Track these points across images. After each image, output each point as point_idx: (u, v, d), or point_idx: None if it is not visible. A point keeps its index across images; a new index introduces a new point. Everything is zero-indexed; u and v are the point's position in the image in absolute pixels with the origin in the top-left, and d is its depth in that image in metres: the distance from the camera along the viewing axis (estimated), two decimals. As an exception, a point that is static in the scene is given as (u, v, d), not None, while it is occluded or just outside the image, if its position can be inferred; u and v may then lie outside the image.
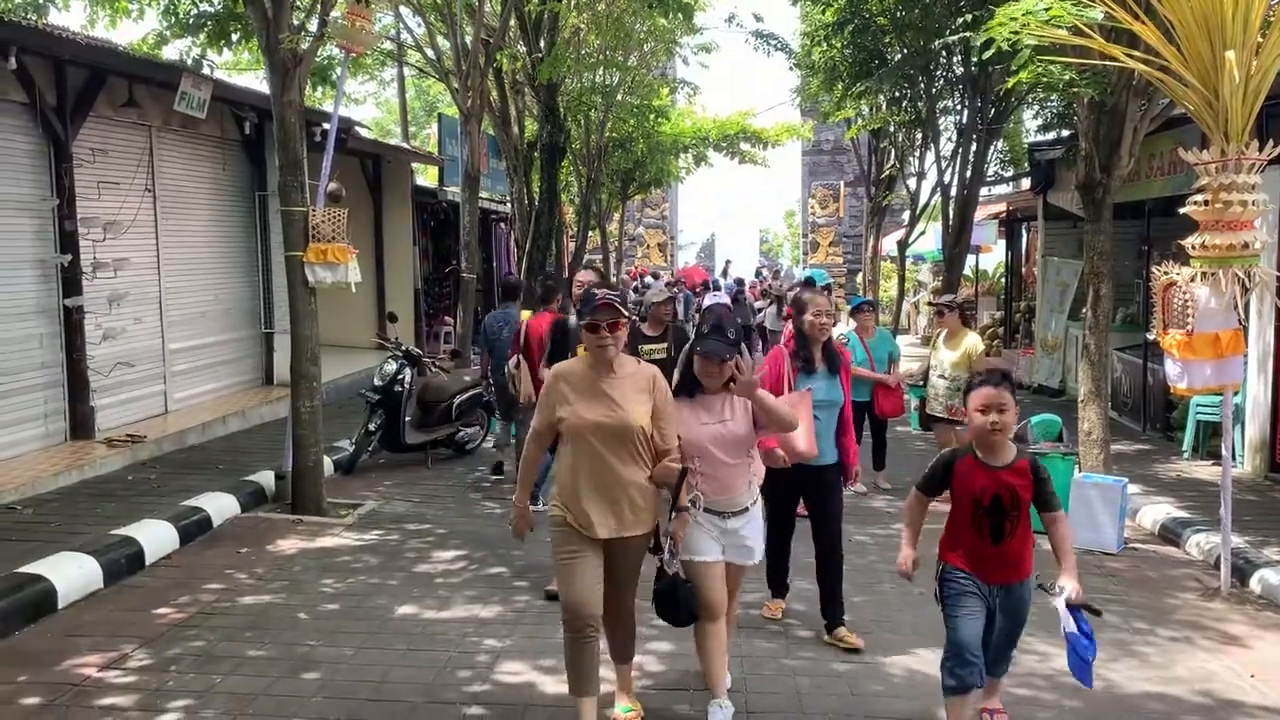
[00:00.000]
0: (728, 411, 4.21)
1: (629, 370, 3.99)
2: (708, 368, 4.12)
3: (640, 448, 3.91)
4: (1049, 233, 16.07)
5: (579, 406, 3.91)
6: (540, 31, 14.52)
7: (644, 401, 3.91)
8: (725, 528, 4.24)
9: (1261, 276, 5.89)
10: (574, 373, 4.02)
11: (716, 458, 4.17)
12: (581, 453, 3.92)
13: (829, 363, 5.36)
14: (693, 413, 4.20)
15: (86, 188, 9.14)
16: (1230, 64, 5.48)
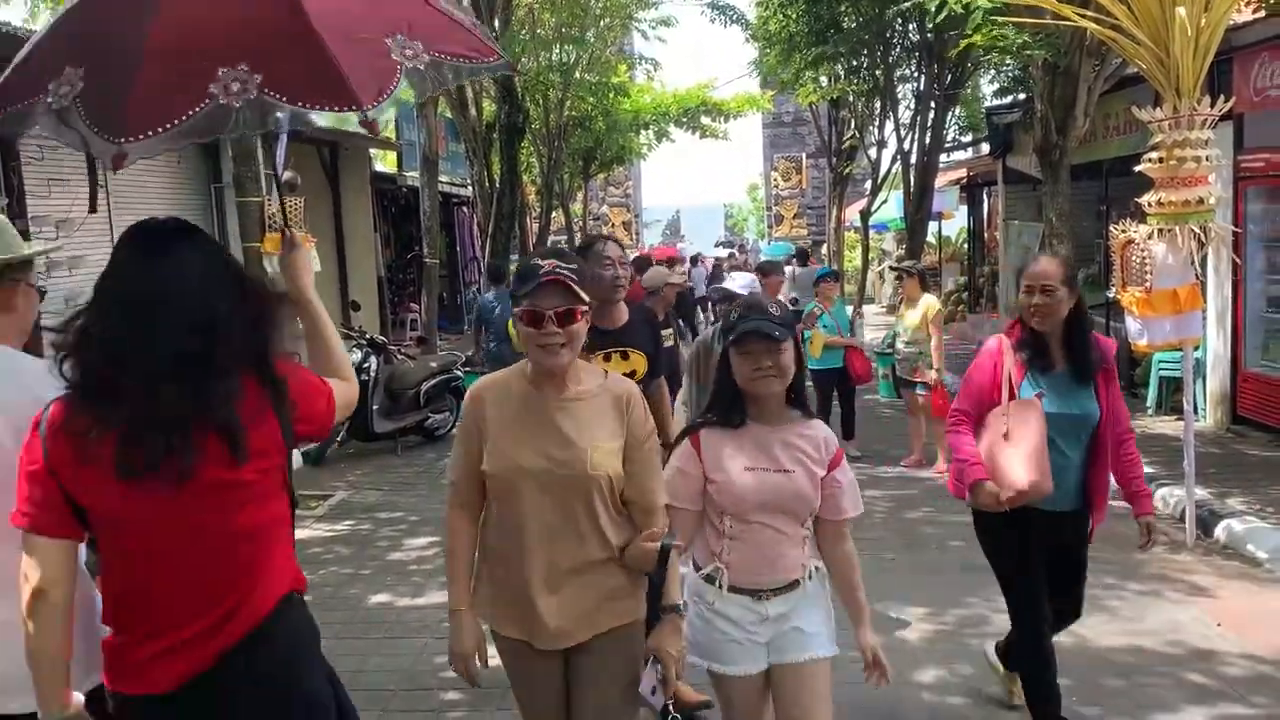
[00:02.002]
0: (787, 452, 2.74)
1: (590, 386, 2.60)
2: (756, 364, 2.68)
3: (606, 508, 2.54)
4: (1009, 197, 16.19)
5: (508, 443, 2.51)
6: (495, 10, 14.38)
7: (612, 436, 2.54)
8: (766, 614, 2.77)
9: (1217, 231, 5.95)
10: (505, 391, 2.59)
11: (762, 522, 2.73)
12: (515, 517, 2.52)
13: (1075, 361, 3.58)
14: (734, 450, 2.74)
15: (36, 185, 8.97)
16: (1181, 20, 5.51)
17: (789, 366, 2.70)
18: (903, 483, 8.00)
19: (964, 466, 3.61)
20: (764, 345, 2.67)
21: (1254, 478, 7.49)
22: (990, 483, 3.48)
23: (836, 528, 2.88)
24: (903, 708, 4.17)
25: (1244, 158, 8.70)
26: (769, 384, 2.71)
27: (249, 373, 2.01)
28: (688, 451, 2.81)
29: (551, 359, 2.49)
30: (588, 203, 33.55)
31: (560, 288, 2.46)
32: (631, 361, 4.10)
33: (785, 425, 2.79)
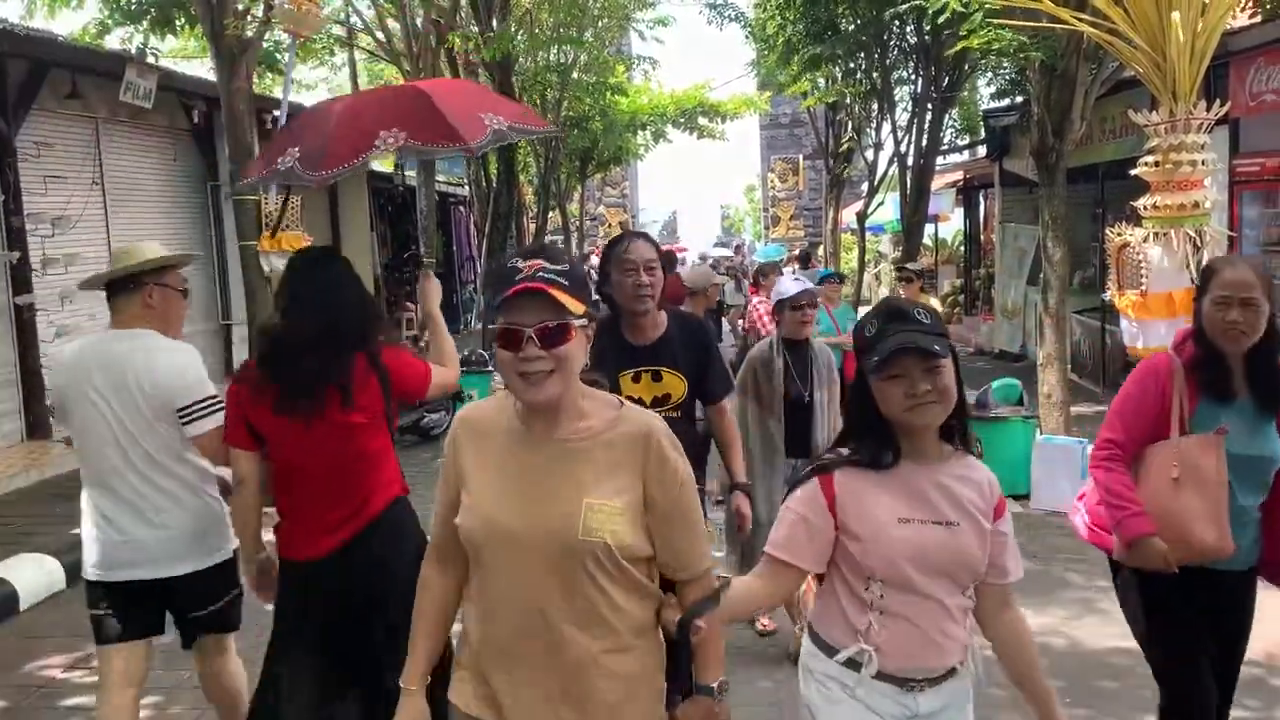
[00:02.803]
0: (948, 499, 2.16)
1: (595, 423, 2.01)
2: (912, 390, 2.09)
3: (614, 583, 1.96)
4: (1006, 199, 16.20)
5: (485, 495, 2.00)
6: (492, 10, 14.37)
7: (621, 490, 1.96)
8: (916, 710, 2.22)
9: (1212, 235, 5.96)
10: (489, 426, 2.07)
11: (919, 588, 2.14)
12: (491, 590, 2.01)
13: (1261, 390, 2.94)
14: (882, 496, 2.16)
15: (33, 183, 8.96)
16: (1177, 25, 5.53)
17: (952, 388, 2.11)
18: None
19: (1123, 515, 2.95)
20: (921, 364, 2.07)
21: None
22: (1158, 539, 2.87)
23: (1000, 593, 2.28)
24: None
25: (1239, 162, 8.73)
26: (930, 413, 2.10)
27: (360, 352, 3.03)
28: (814, 498, 2.19)
29: (535, 392, 1.90)
30: (585, 203, 33.54)
31: (544, 297, 1.86)
32: (665, 384, 3.45)
33: (942, 463, 2.20)
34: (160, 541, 3.23)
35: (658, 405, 3.38)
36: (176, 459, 3.26)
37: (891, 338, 2.09)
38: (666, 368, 3.48)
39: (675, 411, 3.46)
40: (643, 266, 3.38)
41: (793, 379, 4.55)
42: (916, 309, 2.16)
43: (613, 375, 3.21)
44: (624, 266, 3.39)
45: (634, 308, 3.42)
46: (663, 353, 3.49)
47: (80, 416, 3.25)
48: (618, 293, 3.43)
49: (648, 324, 3.49)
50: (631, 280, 3.38)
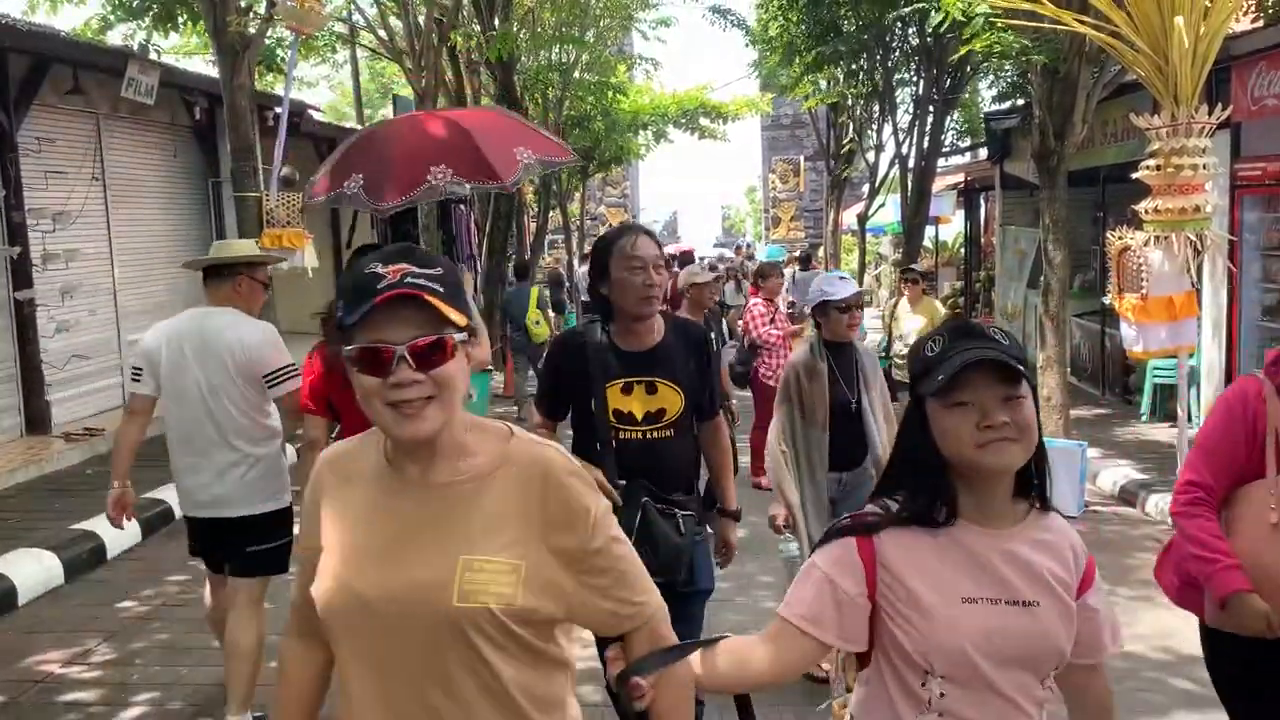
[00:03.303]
0: (1023, 572, 1.73)
1: (481, 460, 1.62)
2: (987, 422, 1.66)
3: (502, 659, 1.57)
4: (1006, 202, 16.20)
5: (342, 556, 1.62)
6: (495, 9, 14.37)
7: (512, 543, 1.57)
8: None
9: (1213, 239, 5.96)
10: (352, 471, 1.69)
11: (991, 684, 1.73)
12: (354, 672, 1.64)
13: None
14: (941, 566, 1.72)
15: (34, 178, 8.96)
16: (1179, 29, 5.53)
17: (1034, 426, 1.67)
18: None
19: (1212, 570, 2.52)
20: (998, 389, 1.65)
21: (1247, 485, 7.50)
22: (1256, 596, 2.45)
23: (1089, 672, 1.92)
24: None
25: (1241, 166, 8.72)
26: (1007, 453, 1.64)
27: None
28: (849, 560, 1.72)
29: (411, 426, 1.50)
30: (585, 203, 33.53)
31: (418, 305, 1.49)
32: (660, 397, 3.08)
33: (1015, 526, 1.73)
34: (233, 487, 3.82)
35: (650, 422, 3.06)
36: (251, 419, 3.86)
37: (960, 354, 1.65)
38: (663, 379, 3.08)
39: (668, 430, 3.08)
40: (652, 264, 3.02)
41: (838, 383, 4.15)
42: (991, 328, 1.72)
43: (599, 385, 3.03)
44: (632, 264, 3.01)
45: (639, 310, 3.03)
46: (659, 362, 3.09)
47: (171, 379, 3.82)
48: (620, 293, 3.03)
49: (645, 329, 3.10)
50: (641, 280, 2.99)
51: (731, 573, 4.69)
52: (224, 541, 3.90)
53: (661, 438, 3.09)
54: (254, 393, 3.84)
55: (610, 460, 3.04)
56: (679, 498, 3.12)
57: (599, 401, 3.05)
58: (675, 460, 3.15)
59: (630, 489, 3.02)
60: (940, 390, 1.66)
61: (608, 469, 3.00)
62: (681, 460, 3.18)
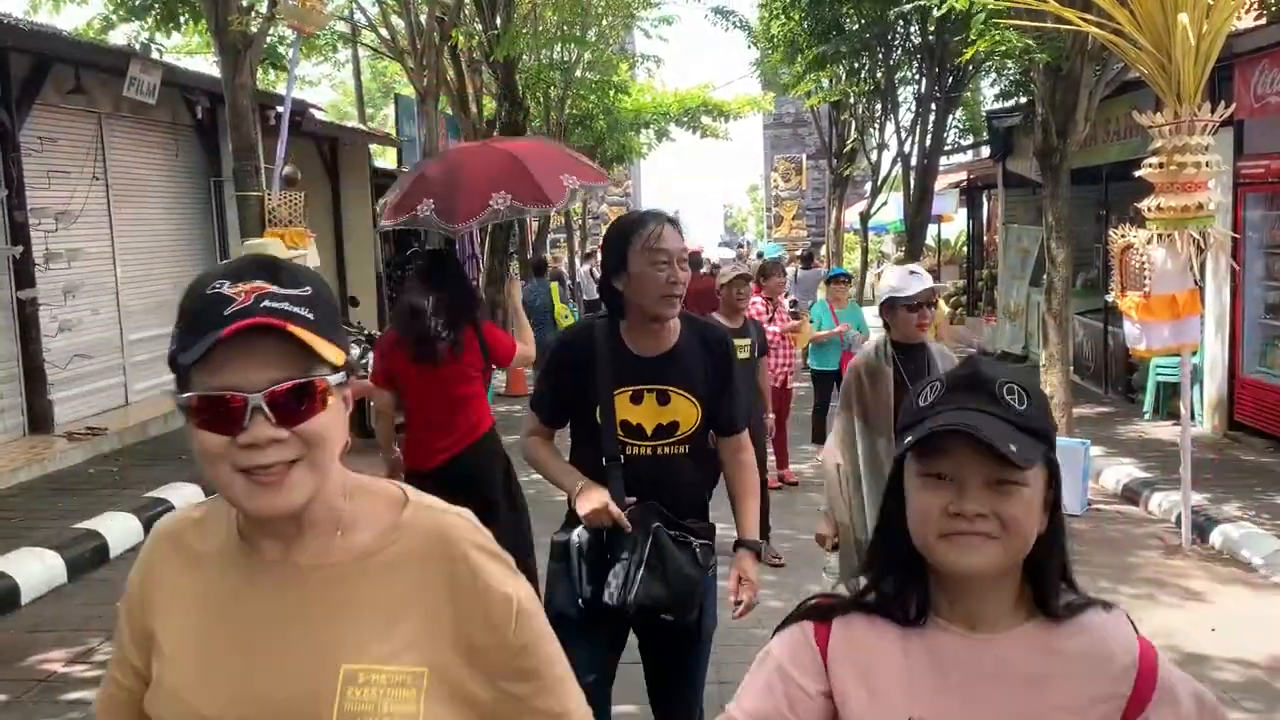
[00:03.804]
0: (1014, 697, 1.26)
1: (367, 538, 1.24)
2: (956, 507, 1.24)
3: None
4: (1009, 200, 16.18)
5: (186, 667, 1.22)
6: (496, 8, 14.36)
7: (407, 645, 1.20)
8: None
9: (1216, 237, 5.96)
10: (197, 547, 1.27)
11: None
12: None
13: None
14: (898, 674, 1.31)
15: (36, 177, 8.96)
16: (1182, 26, 5.52)
17: (1021, 522, 1.24)
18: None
19: None
20: (981, 467, 1.23)
21: (1250, 483, 7.50)
22: None
23: None
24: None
25: (1244, 164, 8.71)
26: (975, 553, 1.24)
27: (469, 324, 4.28)
28: (803, 649, 1.36)
29: (269, 498, 1.15)
30: (587, 201, 33.52)
31: (275, 340, 1.13)
32: (673, 408, 2.75)
33: (1015, 634, 1.30)
34: None
35: (662, 436, 2.73)
36: None
37: (945, 413, 1.25)
38: (677, 388, 2.74)
39: (682, 446, 2.76)
40: (677, 259, 2.69)
41: (906, 388, 3.72)
42: (1008, 384, 1.26)
43: (606, 392, 2.70)
44: (656, 257, 2.65)
45: (660, 311, 2.68)
46: (674, 369, 2.75)
47: None
48: (639, 289, 2.68)
49: (662, 331, 2.76)
50: (665, 276, 2.65)
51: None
52: None
53: (674, 455, 2.75)
54: None
55: (618, 477, 2.69)
56: (693, 524, 2.74)
57: (606, 410, 2.70)
58: (689, 481, 2.80)
59: (642, 511, 2.66)
60: (911, 453, 1.28)
61: (614, 487, 2.67)
62: (695, 482, 2.83)
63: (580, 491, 2.68)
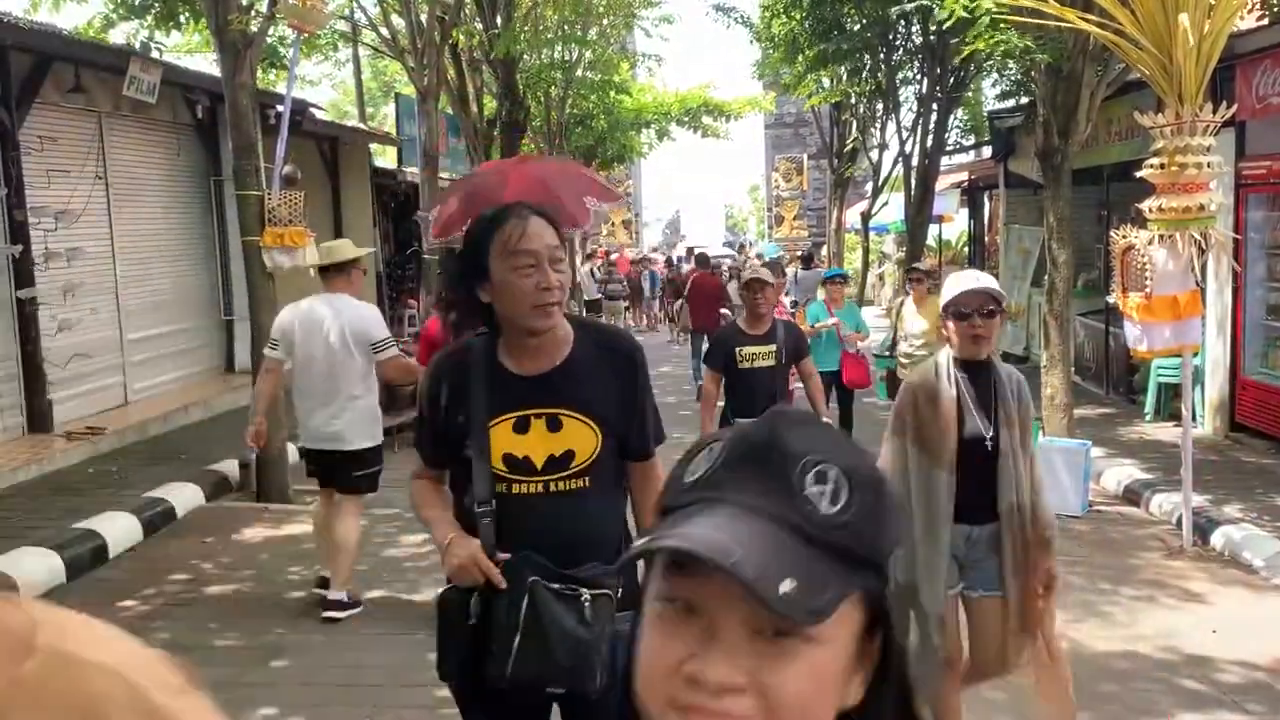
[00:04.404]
0: None
1: None
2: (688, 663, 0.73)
3: None
4: (1010, 200, 16.17)
5: None
6: (497, 7, 14.36)
7: None
8: None
9: (1217, 238, 5.95)
10: None
11: None
12: None
13: None
14: None
15: (35, 176, 8.95)
16: (1184, 27, 5.51)
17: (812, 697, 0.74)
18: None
19: None
20: (738, 609, 0.73)
21: (1251, 485, 7.48)
22: None
23: None
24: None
25: (1245, 165, 8.70)
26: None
27: None
28: None
29: None
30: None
31: None
32: (568, 435, 2.32)
33: None
34: (345, 425, 5.10)
35: (555, 468, 2.29)
36: (359, 376, 5.12)
37: (702, 507, 0.77)
38: (570, 411, 2.31)
39: (581, 479, 2.31)
40: (549, 259, 2.24)
41: (969, 413, 3.28)
42: (818, 467, 0.76)
43: (480, 423, 2.29)
44: (518, 261, 2.22)
45: (533, 323, 2.25)
46: (565, 388, 2.32)
47: (303, 346, 5.08)
48: (504, 300, 2.26)
49: (547, 344, 2.33)
50: (534, 281, 2.21)
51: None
52: (336, 469, 5.19)
53: (572, 490, 2.31)
54: (362, 355, 5.10)
55: (489, 523, 2.26)
56: (592, 573, 2.23)
57: (479, 444, 2.28)
58: (590, 521, 2.34)
59: (512, 566, 2.21)
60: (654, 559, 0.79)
61: (485, 535, 2.25)
62: (599, 520, 2.37)
63: (449, 544, 2.24)
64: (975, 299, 3.28)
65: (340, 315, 5.07)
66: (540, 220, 2.27)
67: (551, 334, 2.32)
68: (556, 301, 2.25)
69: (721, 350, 5.67)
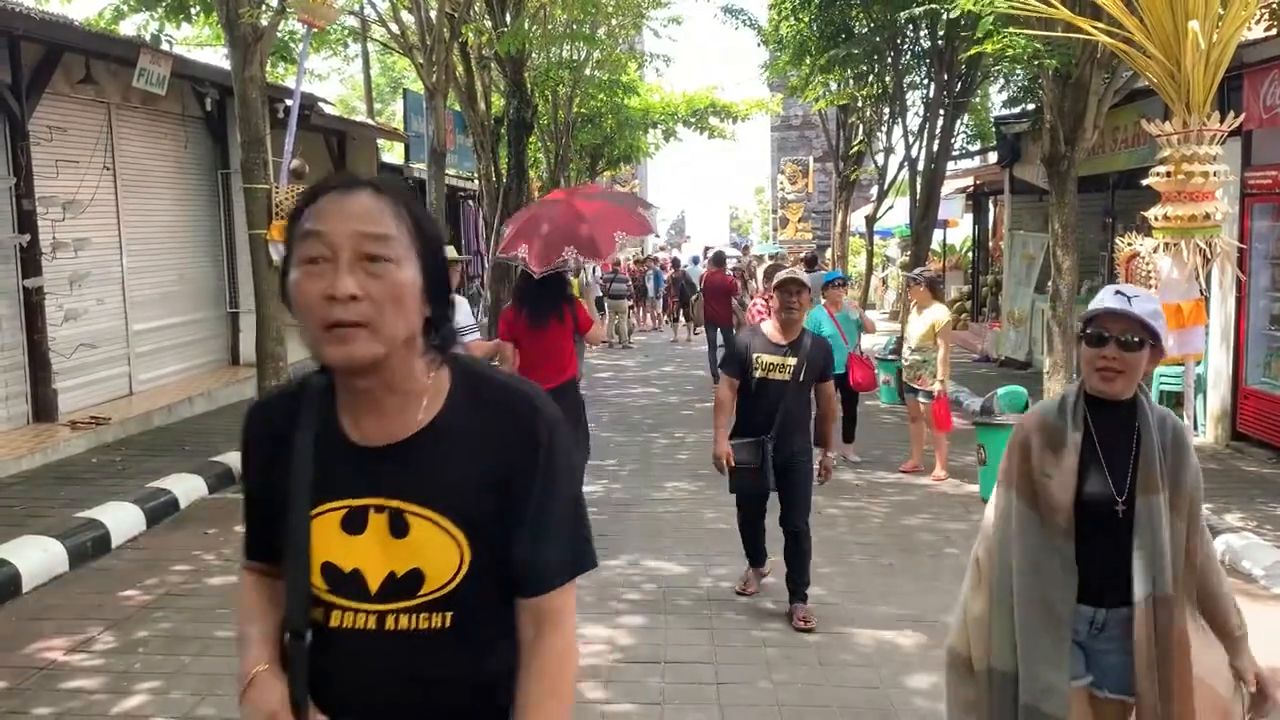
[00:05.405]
0: None
1: None
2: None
3: None
4: (1015, 206, 16.18)
5: None
6: (506, 4, 14.38)
7: None
8: None
9: (1222, 247, 5.95)
10: None
11: None
12: None
13: None
14: None
15: (44, 166, 8.98)
16: (1194, 34, 5.51)
17: None
18: (901, 488, 8.01)
19: None
20: None
21: (1252, 494, 7.49)
22: None
23: None
24: (896, 713, 4.17)
25: (1251, 174, 8.70)
26: None
27: (564, 303, 6.34)
28: None
29: None
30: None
31: None
32: (415, 545, 1.49)
33: None
34: None
35: (396, 594, 1.49)
36: None
37: None
38: (420, 506, 1.49)
39: (435, 615, 1.49)
40: (353, 252, 1.42)
41: (1098, 465, 2.51)
42: None
43: (300, 512, 1.50)
44: (307, 251, 1.45)
45: (324, 354, 1.45)
46: (420, 467, 1.50)
47: None
48: (296, 313, 1.47)
49: (397, 397, 1.51)
50: (319, 286, 1.42)
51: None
52: None
53: (418, 631, 1.49)
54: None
55: (302, 667, 1.51)
56: None
57: (295, 542, 1.50)
58: (450, 685, 1.52)
59: None
60: None
61: (295, 683, 1.51)
62: (464, 683, 1.53)
63: (249, 685, 1.52)
64: (1116, 323, 2.49)
65: None
66: (368, 195, 1.45)
67: (408, 385, 1.49)
68: (358, 323, 1.39)
69: (738, 355, 5.22)
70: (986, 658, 2.56)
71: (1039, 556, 2.48)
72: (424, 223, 1.50)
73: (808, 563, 5.15)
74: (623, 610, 5.11)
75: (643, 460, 9.03)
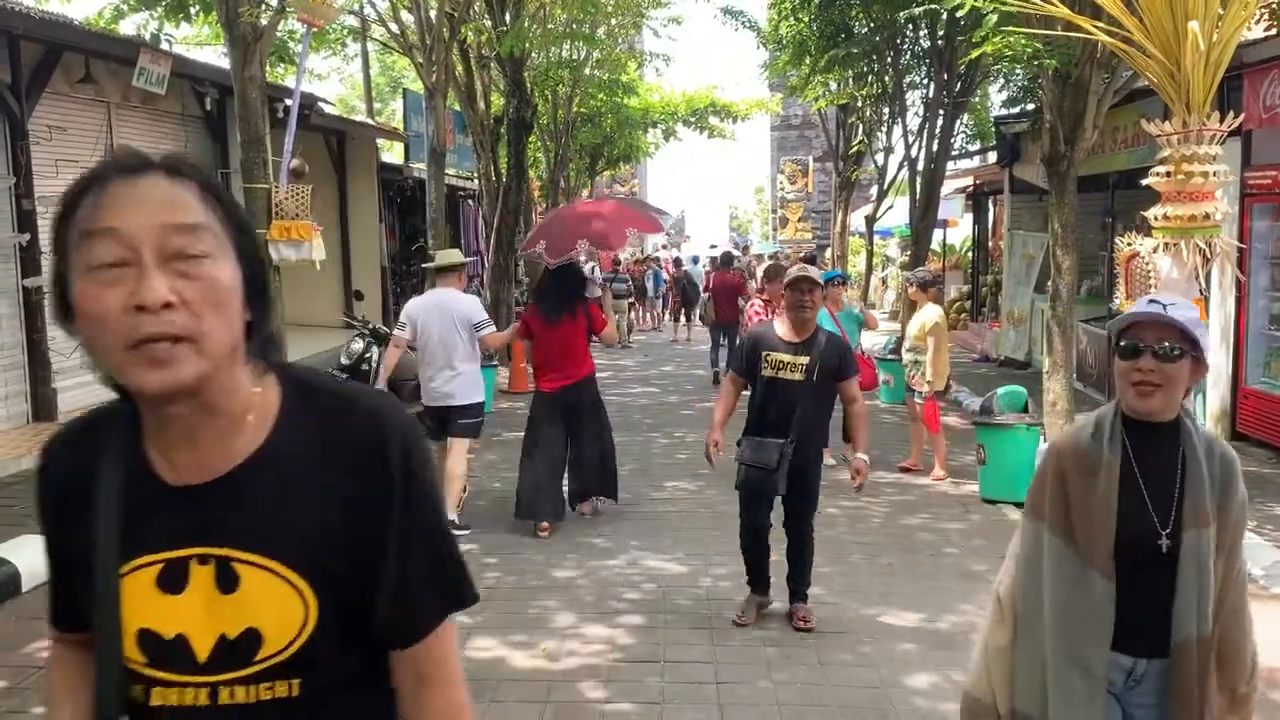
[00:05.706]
0: None
1: None
2: None
3: None
4: (1015, 206, 16.19)
5: None
6: (505, 4, 14.38)
7: None
8: None
9: (1222, 247, 5.95)
10: None
11: None
12: None
13: None
14: None
15: (44, 166, 8.98)
16: (1194, 34, 5.51)
17: None
18: (901, 488, 8.01)
19: None
20: None
21: (1251, 494, 7.45)
22: None
23: None
24: (896, 713, 4.18)
25: (1251, 174, 8.71)
26: None
27: (579, 302, 6.89)
28: None
29: None
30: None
31: None
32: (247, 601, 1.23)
33: None
34: (453, 388, 6.64)
35: (229, 663, 1.23)
36: (465, 350, 6.67)
37: None
38: (249, 553, 1.24)
39: (280, 683, 1.25)
40: (160, 250, 1.16)
41: (1139, 495, 2.27)
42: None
43: (107, 571, 1.24)
44: (90, 249, 1.16)
45: (135, 380, 1.17)
46: (246, 506, 1.25)
47: (425, 327, 6.63)
48: (86, 332, 1.19)
49: (218, 427, 1.24)
50: (118, 295, 1.14)
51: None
52: (448, 419, 6.69)
53: (260, 704, 1.25)
54: (467, 334, 6.65)
55: None
56: None
57: (102, 608, 1.25)
58: None
59: None
60: None
61: None
62: None
63: None
64: (1151, 331, 2.23)
65: (452, 304, 6.69)
66: (163, 178, 1.22)
67: (229, 404, 1.23)
68: (178, 336, 1.14)
69: (746, 351, 5.09)
70: (1010, 700, 2.34)
71: (1074, 599, 2.25)
72: (232, 206, 1.25)
73: (809, 563, 5.16)
74: (622, 610, 5.11)
75: (643, 460, 9.03)
